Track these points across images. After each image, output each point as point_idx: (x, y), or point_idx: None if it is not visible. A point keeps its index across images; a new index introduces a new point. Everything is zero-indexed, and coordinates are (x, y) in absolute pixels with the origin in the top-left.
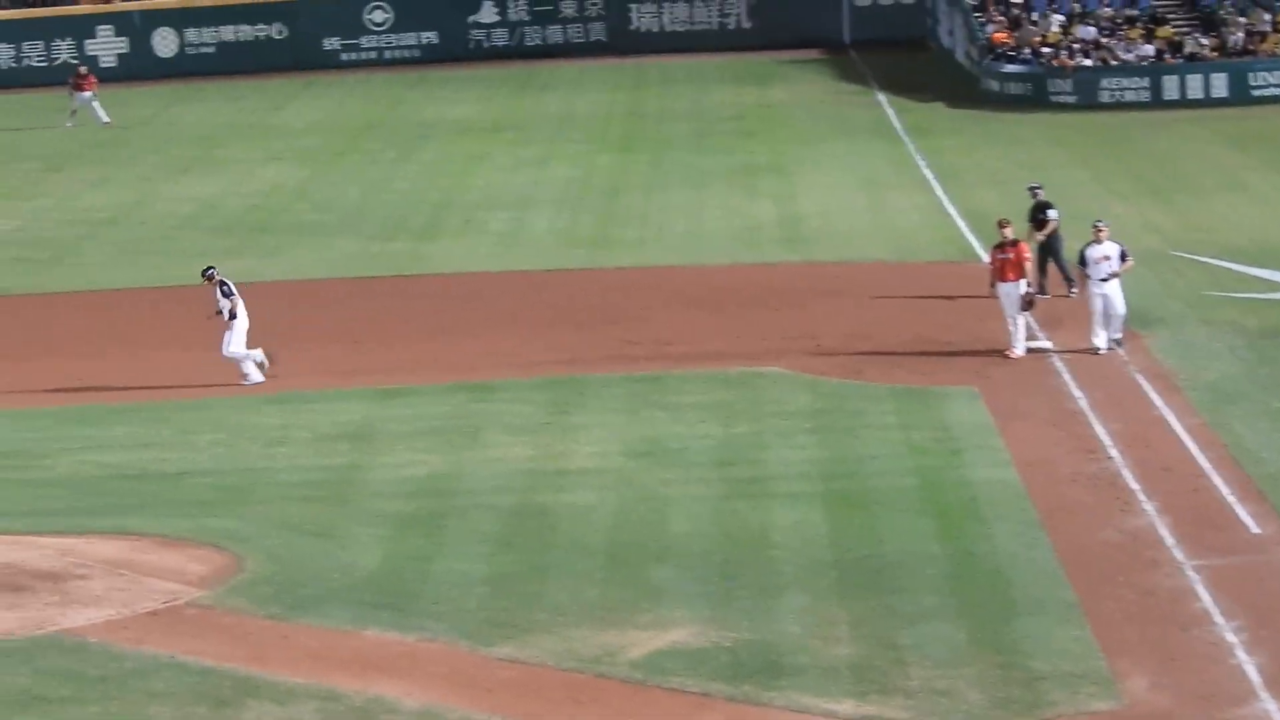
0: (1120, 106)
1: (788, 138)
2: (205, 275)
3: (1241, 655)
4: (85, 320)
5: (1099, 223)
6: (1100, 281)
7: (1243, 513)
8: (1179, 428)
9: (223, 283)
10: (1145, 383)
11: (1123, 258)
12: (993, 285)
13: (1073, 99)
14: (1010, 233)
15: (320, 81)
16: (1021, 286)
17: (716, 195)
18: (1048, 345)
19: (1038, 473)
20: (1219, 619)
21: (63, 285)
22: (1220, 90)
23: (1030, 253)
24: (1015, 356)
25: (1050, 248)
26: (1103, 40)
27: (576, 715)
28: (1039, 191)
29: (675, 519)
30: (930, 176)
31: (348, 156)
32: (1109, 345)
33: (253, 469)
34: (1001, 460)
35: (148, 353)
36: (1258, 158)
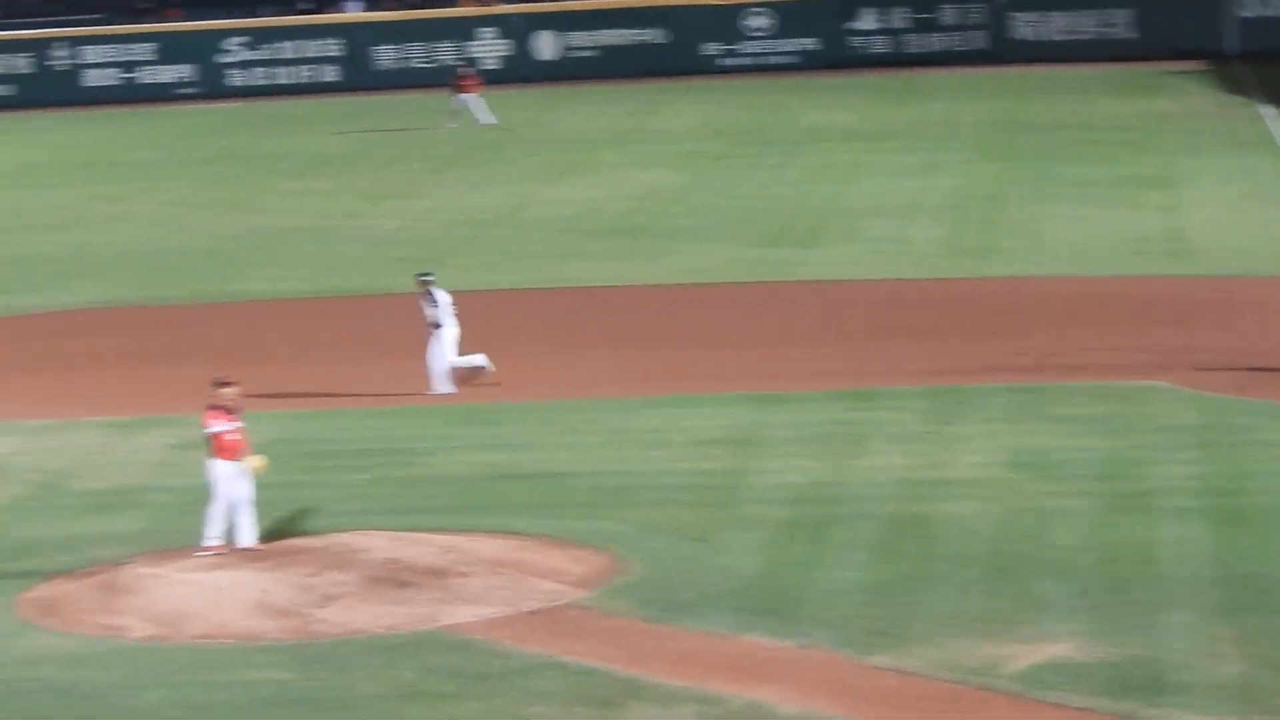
0: None
1: (1173, 149)
2: (419, 279)
3: None
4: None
5: None
6: None
7: None
8: None
9: (430, 293)
10: None
11: None
12: None
13: None
14: None
15: (699, 86)
16: None
17: (1100, 206)
18: None
19: None
20: None
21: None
22: None
23: None
24: None
25: None
26: None
27: None
28: None
29: (1057, 531)
30: None
31: (727, 161)
32: None
33: (632, 471)
34: None
35: (532, 354)
36: None
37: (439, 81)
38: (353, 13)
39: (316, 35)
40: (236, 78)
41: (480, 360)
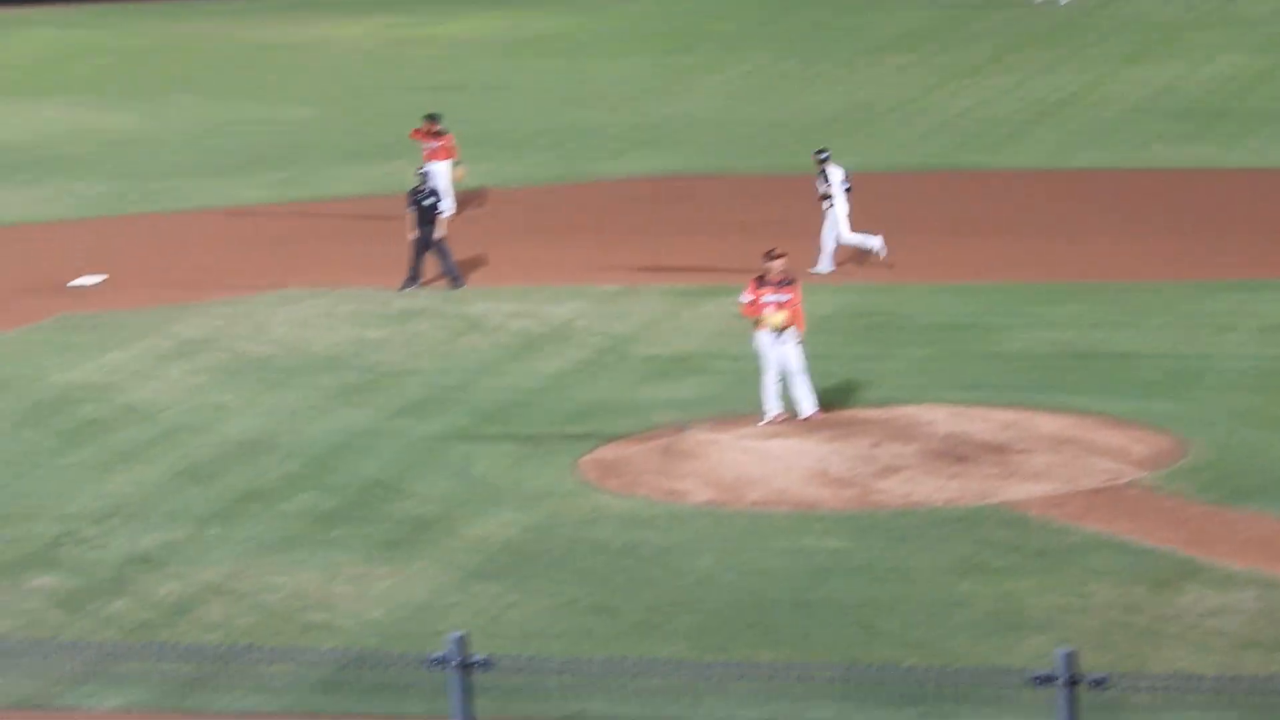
0: None
1: None
2: (815, 156)
3: None
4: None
5: None
6: None
7: None
8: None
9: (824, 170)
10: None
11: None
12: None
13: None
14: None
15: None
16: None
17: None
18: None
19: None
20: None
21: (1011, 164)
22: None
23: None
24: None
25: None
26: None
27: None
28: None
29: None
30: None
31: None
32: None
33: (1201, 355)
34: None
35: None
36: None
37: None
38: None
39: None
40: None
41: (875, 242)
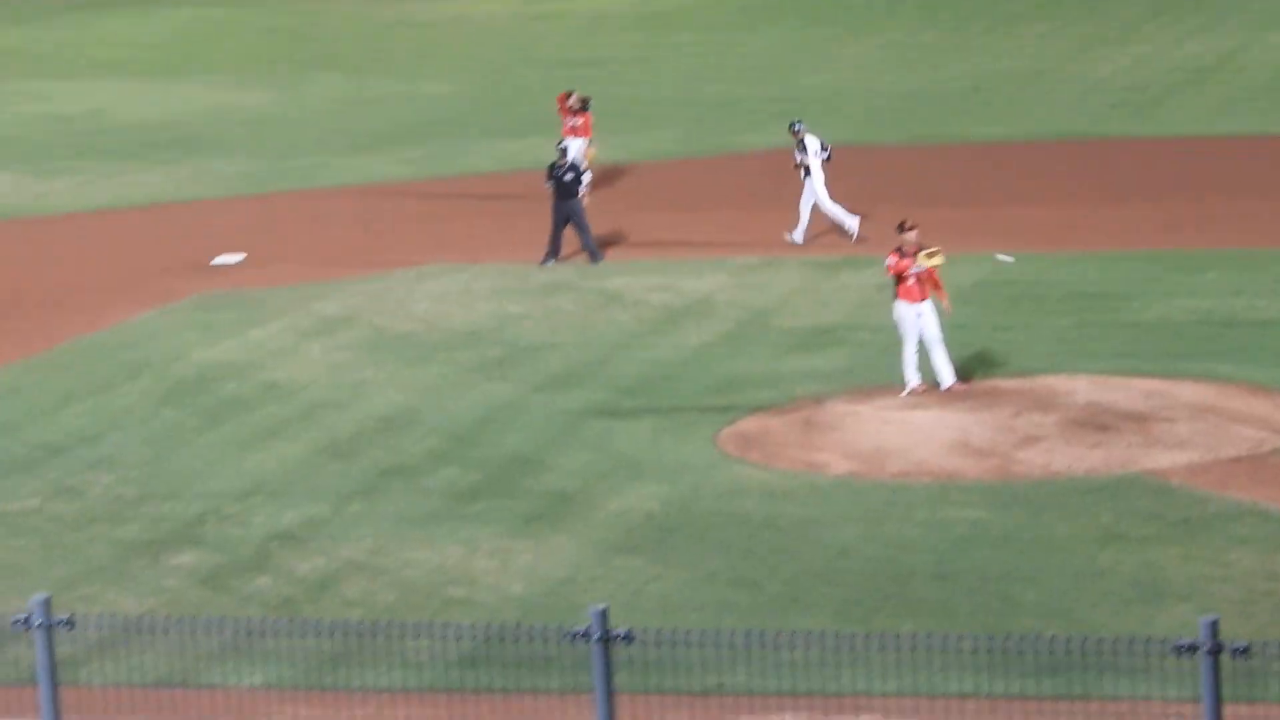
0: None
1: None
2: (791, 129)
3: None
4: (1177, 169)
5: None
6: None
7: None
8: None
9: (802, 140)
10: None
11: None
12: None
13: None
14: None
15: None
16: None
17: None
18: None
19: None
20: None
21: (1159, 132)
22: None
23: None
24: None
25: None
26: None
27: None
28: None
29: None
30: None
31: None
32: None
33: None
34: None
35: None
36: None
37: None
38: None
39: None
40: None
41: (851, 222)
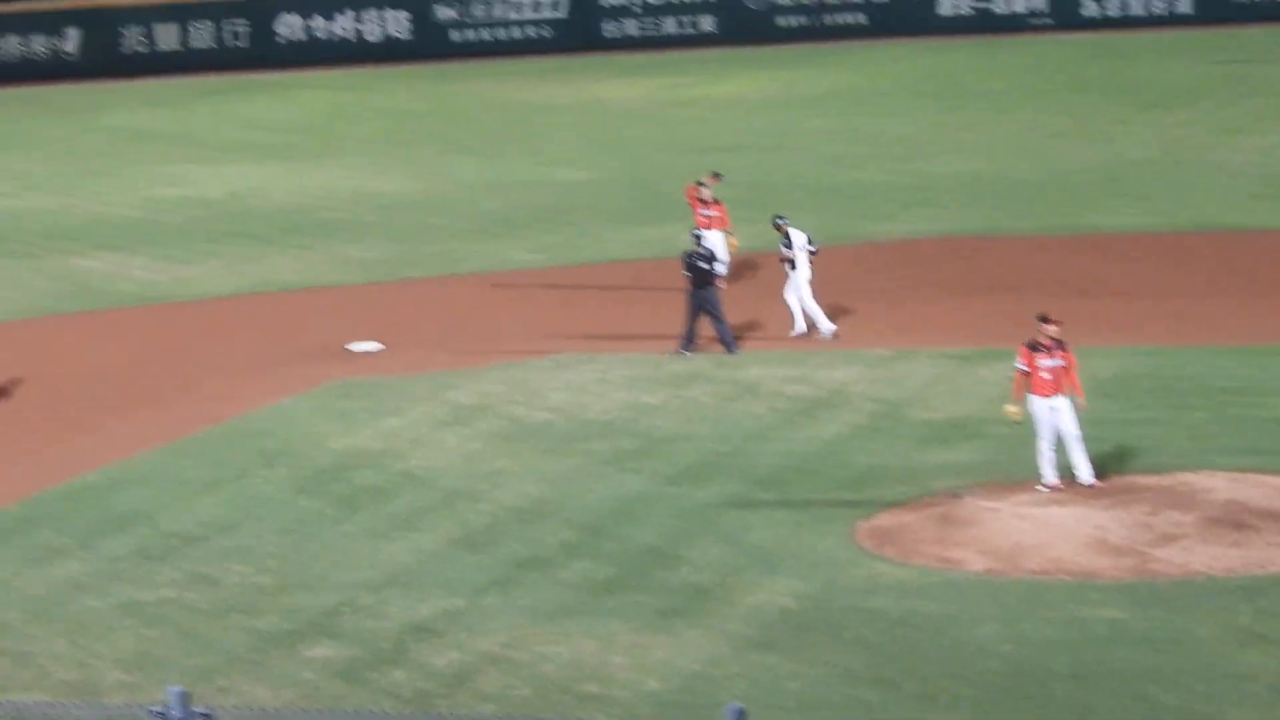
0: None
1: None
2: (774, 223)
3: None
4: None
5: None
6: None
7: None
8: None
9: (787, 234)
10: None
11: None
12: None
13: None
14: None
15: None
16: None
17: None
18: None
19: None
20: None
21: None
22: None
23: None
24: None
25: None
26: None
27: None
28: None
29: None
30: None
31: None
32: None
33: None
34: None
35: None
36: None
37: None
38: None
39: None
40: (1090, 8)
41: (826, 327)
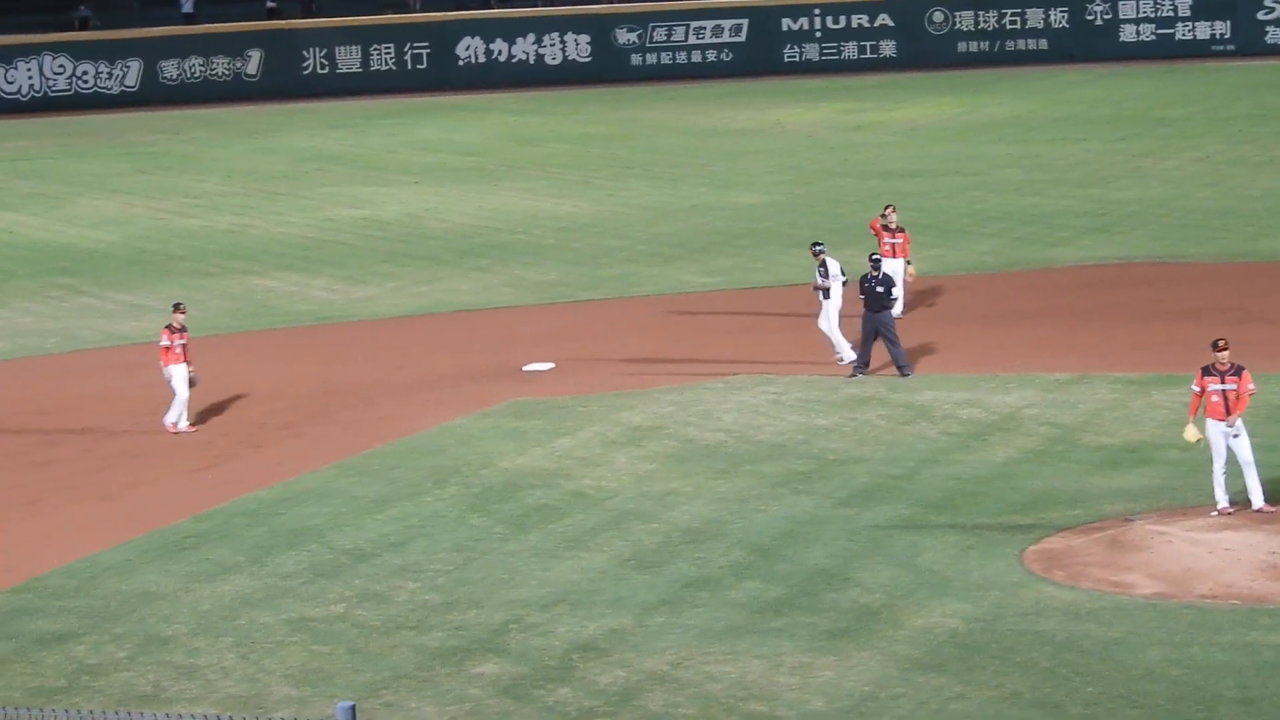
0: None
1: None
2: (812, 250)
3: None
4: None
5: None
6: None
7: None
8: None
9: (824, 262)
10: None
11: None
12: None
13: None
14: None
15: None
16: None
17: None
18: None
19: None
20: None
21: None
22: None
23: None
24: None
25: None
26: None
27: None
28: None
29: None
30: None
31: None
32: None
33: None
34: None
35: None
36: None
37: None
38: None
39: None
40: (1274, 34)
41: (846, 353)
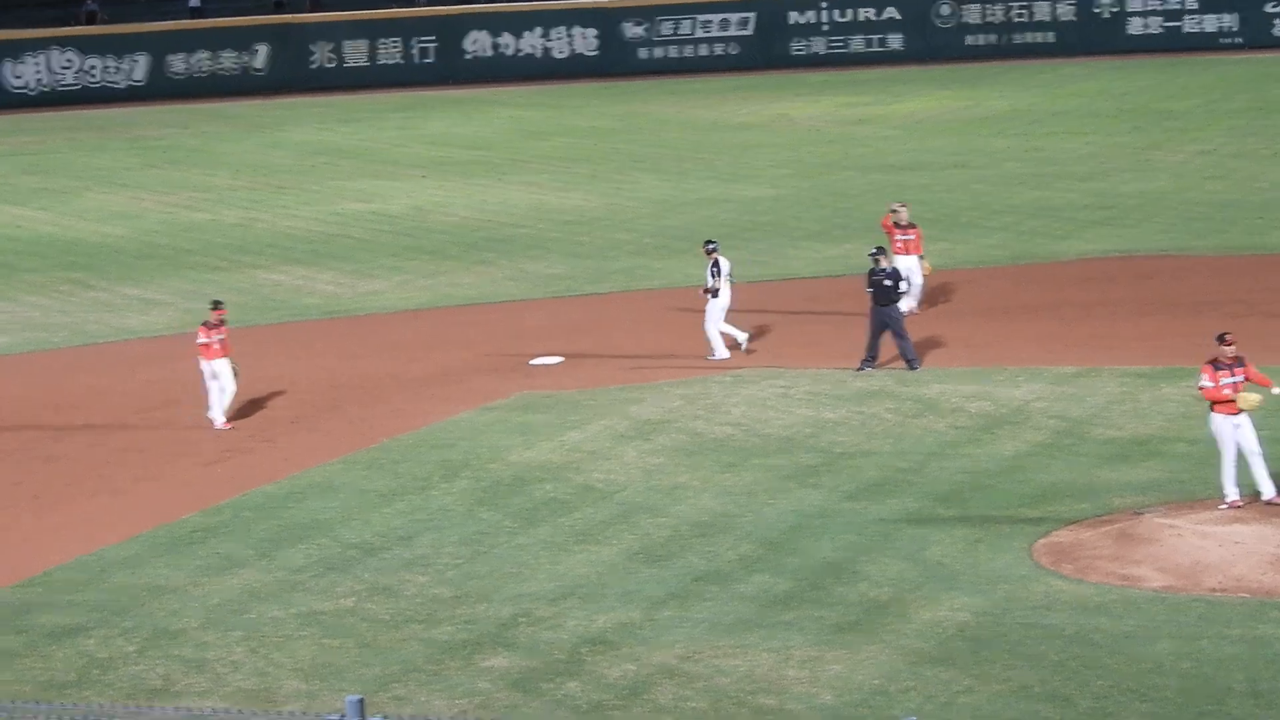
0: None
1: None
2: (705, 248)
3: None
4: None
5: None
6: None
7: None
8: None
9: (716, 261)
10: None
11: None
12: None
13: None
14: None
15: None
16: None
17: None
18: None
19: None
20: None
21: None
22: None
23: None
24: None
25: None
26: None
27: None
28: None
29: None
30: None
31: None
32: None
33: None
34: None
35: None
36: None
37: None
38: None
39: None
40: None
41: (740, 335)
